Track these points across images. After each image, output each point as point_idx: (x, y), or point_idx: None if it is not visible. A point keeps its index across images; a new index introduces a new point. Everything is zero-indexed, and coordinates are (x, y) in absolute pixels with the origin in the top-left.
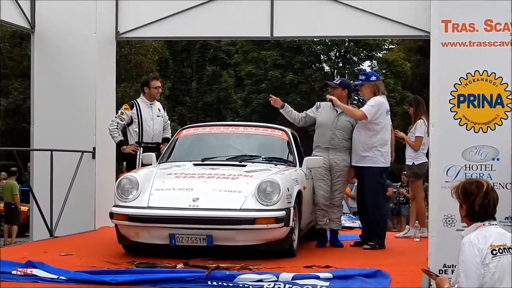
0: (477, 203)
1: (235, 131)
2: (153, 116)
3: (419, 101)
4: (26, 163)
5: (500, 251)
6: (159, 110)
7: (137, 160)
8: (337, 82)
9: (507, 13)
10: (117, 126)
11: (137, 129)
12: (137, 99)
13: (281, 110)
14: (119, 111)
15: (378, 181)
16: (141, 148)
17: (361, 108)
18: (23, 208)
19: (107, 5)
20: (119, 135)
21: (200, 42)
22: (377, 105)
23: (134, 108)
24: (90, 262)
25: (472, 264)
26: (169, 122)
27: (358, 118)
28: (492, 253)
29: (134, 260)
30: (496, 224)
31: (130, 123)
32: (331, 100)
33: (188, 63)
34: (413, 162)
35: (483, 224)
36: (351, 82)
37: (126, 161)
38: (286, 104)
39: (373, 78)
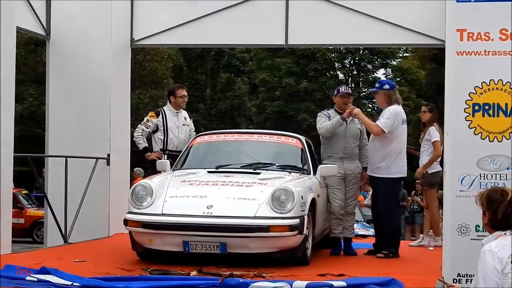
0: (500, 211)
1: (249, 139)
2: (179, 124)
3: (436, 109)
4: (41, 169)
5: None
6: (185, 118)
7: None
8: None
9: None
10: (142, 133)
11: (162, 137)
12: (164, 107)
13: (340, 119)
14: (145, 118)
15: (391, 191)
16: (165, 155)
17: (376, 123)
18: None
19: (122, 12)
20: (144, 141)
21: (215, 49)
22: (392, 116)
23: (160, 116)
24: (104, 268)
25: (491, 272)
26: (194, 132)
27: (376, 134)
28: None
29: (148, 267)
30: None
31: (155, 130)
32: (352, 114)
33: (202, 70)
34: (427, 171)
35: (505, 234)
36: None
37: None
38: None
39: (386, 86)
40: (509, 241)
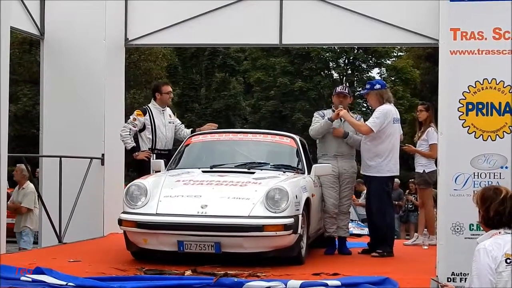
0: (492, 209)
1: (243, 138)
2: (165, 122)
3: (433, 108)
4: (35, 169)
5: None
6: (170, 116)
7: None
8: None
9: None
10: (130, 132)
11: (150, 136)
12: (149, 105)
13: (328, 120)
14: (131, 117)
15: (383, 189)
16: (154, 155)
17: (366, 122)
18: None
19: (116, 12)
20: (132, 141)
21: (209, 49)
22: (382, 115)
23: (147, 114)
24: (99, 268)
25: (486, 271)
26: (182, 125)
27: (364, 133)
28: (506, 261)
29: (143, 267)
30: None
31: (142, 129)
32: (339, 115)
33: (197, 70)
34: (424, 170)
35: (499, 232)
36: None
37: (137, 168)
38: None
39: (378, 86)
40: (503, 240)
